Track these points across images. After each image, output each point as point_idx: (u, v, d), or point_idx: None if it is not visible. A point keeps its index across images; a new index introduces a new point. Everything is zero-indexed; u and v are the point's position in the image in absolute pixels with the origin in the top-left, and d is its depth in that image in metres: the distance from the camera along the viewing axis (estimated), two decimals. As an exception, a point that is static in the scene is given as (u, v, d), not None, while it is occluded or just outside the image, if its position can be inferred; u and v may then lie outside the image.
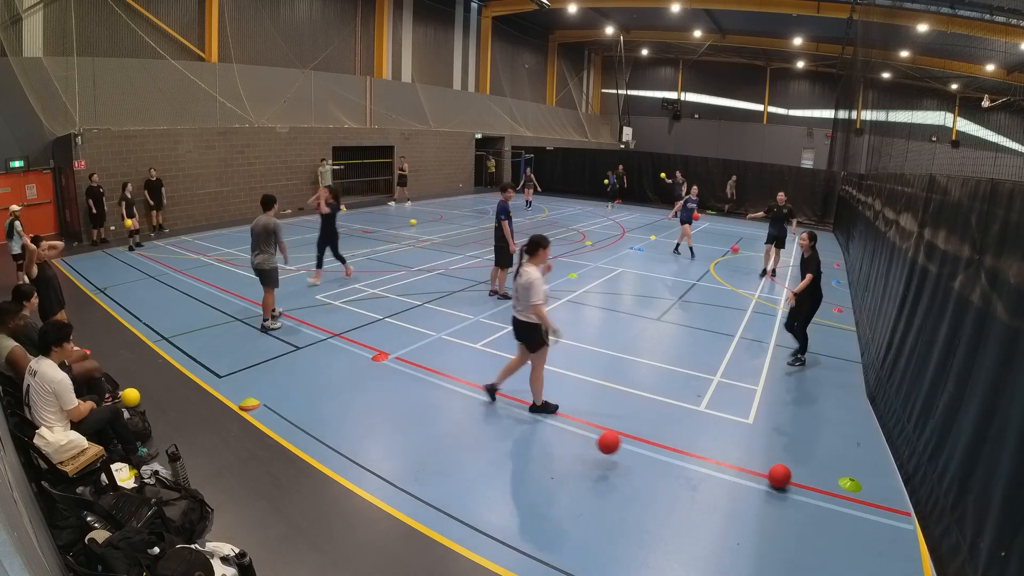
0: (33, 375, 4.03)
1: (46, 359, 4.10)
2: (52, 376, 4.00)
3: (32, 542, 2.18)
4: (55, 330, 4.25)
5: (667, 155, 25.02)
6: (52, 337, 4.16)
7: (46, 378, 4.00)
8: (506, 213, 9.13)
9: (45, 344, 4.14)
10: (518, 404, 5.72)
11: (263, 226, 7.30)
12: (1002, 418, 3.08)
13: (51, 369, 4.04)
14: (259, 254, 7.35)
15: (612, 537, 3.88)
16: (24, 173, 12.75)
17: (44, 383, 3.99)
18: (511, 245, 8.96)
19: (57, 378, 4.02)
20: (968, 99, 26.51)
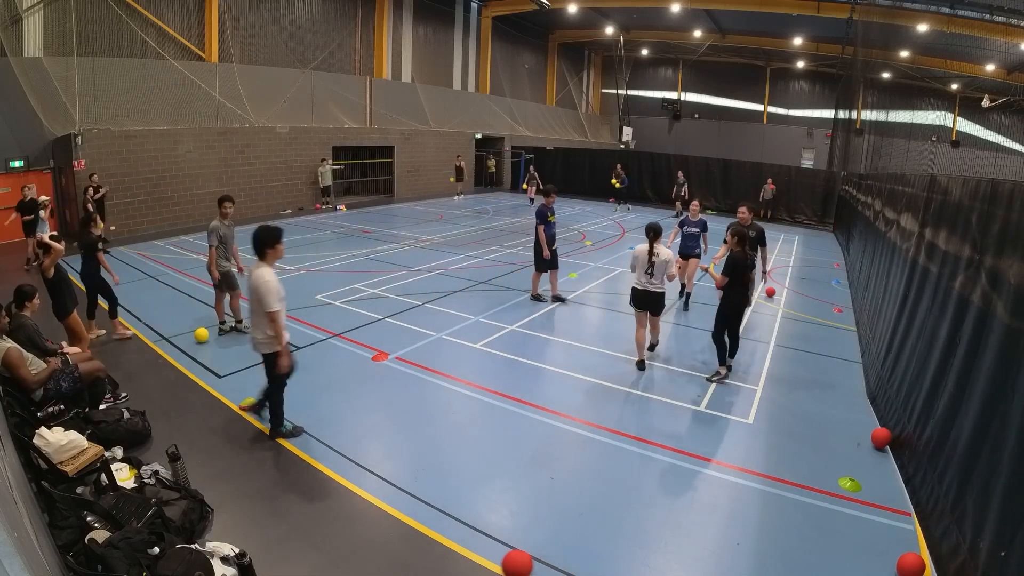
0: (249, 277, 4.69)
1: (262, 263, 4.67)
2: (259, 279, 4.54)
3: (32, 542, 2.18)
4: (268, 233, 4.67)
5: (667, 155, 25.00)
6: (267, 240, 4.64)
7: (256, 282, 4.53)
8: (543, 218, 8.78)
9: (259, 247, 4.67)
10: (518, 404, 5.72)
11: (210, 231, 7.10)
12: (1002, 418, 3.08)
13: (264, 273, 4.56)
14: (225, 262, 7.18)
15: (612, 537, 3.88)
16: (24, 173, 12.74)
17: (251, 285, 4.57)
18: (544, 251, 8.73)
19: (263, 279, 4.53)
20: (968, 99, 26.51)
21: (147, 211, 14.10)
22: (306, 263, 11.21)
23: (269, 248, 4.66)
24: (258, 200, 17.05)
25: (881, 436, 5.18)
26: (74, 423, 4.48)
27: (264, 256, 4.68)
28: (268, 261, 4.69)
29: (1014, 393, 3.00)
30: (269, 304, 4.51)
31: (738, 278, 6.20)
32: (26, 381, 4.48)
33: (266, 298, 4.50)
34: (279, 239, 4.71)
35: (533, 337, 7.67)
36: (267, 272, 4.59)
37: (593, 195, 24.15)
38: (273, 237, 4.66)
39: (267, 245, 4.65)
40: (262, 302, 4.53)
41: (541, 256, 8.81)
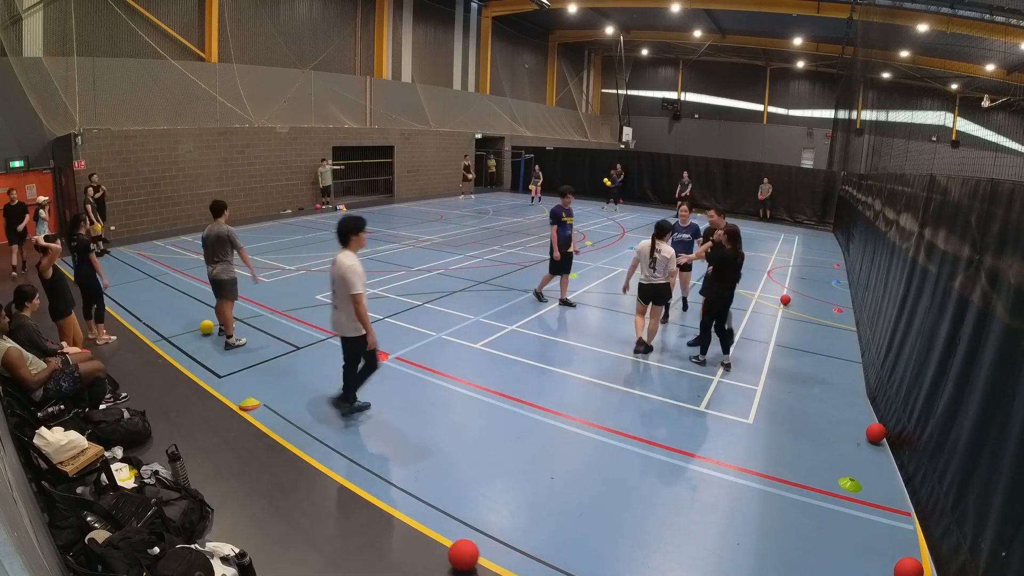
0: (333, 265, 4.95)
1: (345, 250, 4.95)
2: (343, 263, 4.84)
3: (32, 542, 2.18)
4: (353, 222, 5.01)
5: (667, 155, 25.01)
6: (352, 228, 4.97)
7: (341, 266, 4.82)
8: (557, 218, 8.57)
9: (343, 236, 4.98)
10: (518, 404, 5.72)
11: (215, 235, 6.75)
12: (1002, 418, 3.08)
13: (347, 258, 4.86)
14: (217, 263, 6.77)
15: (612, 537, 3.88)
16: (24, 173, 12.74)
17: (336, 271, 4.87)
18: (555, 252, 8.54)
19: (347, 264, 4.82)
20: (968, 99, 26.51)
21: (147, 211, 14.09)
22: (306, 263, 11.21)
23: (353, 236, 5.00)
24: (258, 200, 17.05)
25: (876, 431, 5.24)
26: (74, 423, 4.48)
27: (348, 243, 5.00)
28: (351, 248, 5.00)
29: (1014, 393, 3.00)
30: (354, 286, 4.79)
31: (722, 272, 6.46)
32: (26, 381, 4.49)
33: (352, 279, 4.78)
34: (363, 228, 5.06)
35: (533, 337, 7.67)
36: (351, 257, 4.90)
37: (593, 195, 24.12)
38: (357, 226, 5.01)
39: (351, 233, 4.99)
40: (348, 285, 4.79)
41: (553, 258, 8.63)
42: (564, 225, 8.61)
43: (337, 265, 4.92)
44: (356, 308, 4.84)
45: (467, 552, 3.52)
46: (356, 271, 4.82)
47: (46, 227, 10.31)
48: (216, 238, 6.77)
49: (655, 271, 6.81)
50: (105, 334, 7.03)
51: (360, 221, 5.07)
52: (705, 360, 6.88)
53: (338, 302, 4.99)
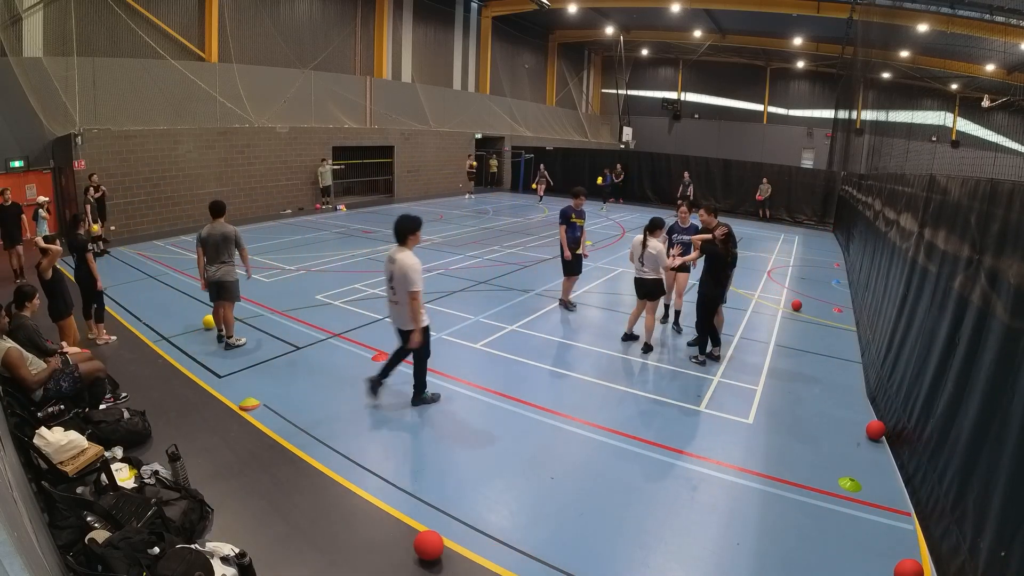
0: (392, 263, 5.12)
1: (403, 248, 5.13)
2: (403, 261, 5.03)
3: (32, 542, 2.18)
4: (411, 221, 5.16)
5: (667, 155, 25.01)
6: (410, 227, 5.13)
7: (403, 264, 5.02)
8: (566, 219, 8.43)
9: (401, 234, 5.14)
10: (518, 404, 5.72)
11: (222, 234, 6.65)
12: (1002, 418, 3.08)
13: (407, 257, 5.06)
14: (221, 265, 6.68)
15: (612, 537, 3.88)
16: (24, 173, 12.75)
17: (398, 268, 5.06)
18: (564, 252, 8.42)
19: (408, 263, 5.01)
20: (968, 99, 26.51)
21: (147, 211, 14.10)
22: (306, 263, 11.21)
23: (410, 234, 5.17)
24: (258, 200, 17.05)
25: (875, 428, 5.28)
26: (74, 423, 4.48)
27: (405, 242, 5.17)
28: (408, 246, 5.18)
29: (1014, 392, 3.00)
30: (414, 283, 5.00)
31: (711, 269, 6.60)
32: (26, 381, 4.49)
33: (412, 276, 4.99)
34: (419, 227, 5.21)
35: (533, 337, 7.67)
36: (410, 256, 5.09)
37: (593, 195, 24.10)
38: (414, 225, 5.17)
39: (409, 232, 5.16)
40: (408, 282, 5.00)
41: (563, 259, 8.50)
42: (573, 226, 8.49)
43: (397, 263, 5.09)
44: (413, 304, 5.05)
45: (432, 543, 3.57)
46: (416, 269, 5.03)
47: (46, 227, 10.30)
48: (222, 237, 6.68)
49: (644, 266, 6.91)
50: (105, 334, 7.03)
51: (417, 221, 5.21)
52: (705, 360, 6.88)
53: (398, 297, 5.21)
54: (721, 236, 6.54)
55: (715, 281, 6.63)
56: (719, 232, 6.60)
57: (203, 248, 6.75)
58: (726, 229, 6.58)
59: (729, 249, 6.54)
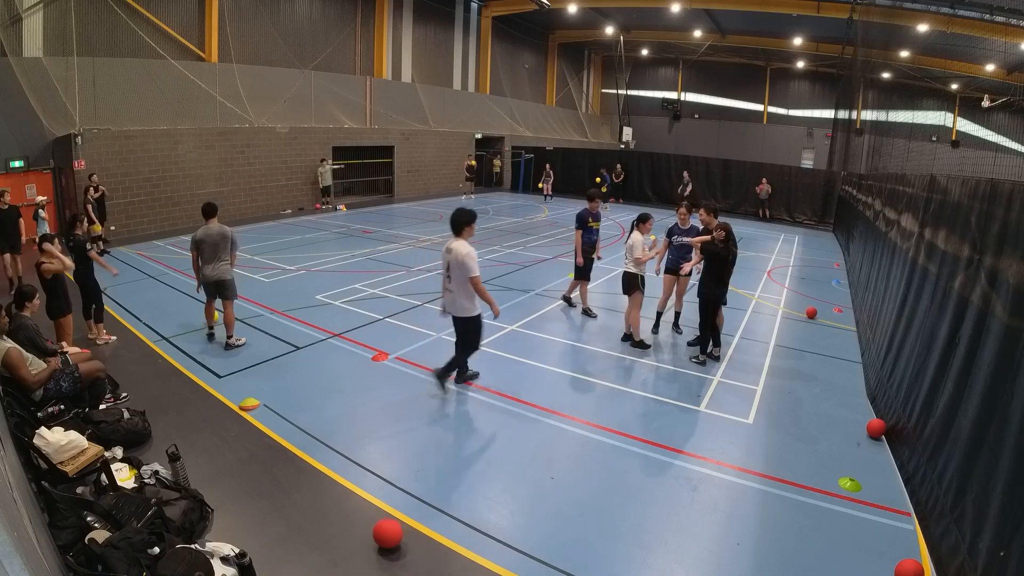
0: (449, 253, 5.48)
1: (458, 238, 5.52)
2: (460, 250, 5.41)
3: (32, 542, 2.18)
4: (466, 214, 5.56)
5: (667, 155, 25.01)
6: (465, 220, 5.52)
7: (459, 252, 5.38)
8: (583, 223, 8.29)
9: (458, 226, 5.54)
10: (518, 404, 5.72)
11: (220, 234, 6.76)
12: (1001, 418, 3.09)
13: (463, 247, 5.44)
14: (219, 263, 6.77)
15: (612, 537, 3.88)
16: (24, 173, 12.75)
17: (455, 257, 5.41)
18: (578, 257, 8.32)
19: (464, 251, 5.39)
20: (968, 99, 26.51)
21: (147, 211, 14.09)
22: (306, 263, 11.21)
23: (466, 227, 5.56)
24: (258, 200, 17.05)
25: (876, 426, 5.30)
26: (74, 423, 4.48)
27: (461, 233, 5.56)
28: (464, 237, 5.56)
29: (1013, 393, 3.00)
30: (472, 270, 5.37)
31: (712, 269, 6.59)
32: (26, 381, 4.49)
33: (470, 264, 5.37)
34: (474, 220, 5.62)
35: (533, 337, 7.67)
36: (466, 245, 5.48)
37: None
38: (470, 218, 5.57)
39: (465, 224, 5.55)
40: (466, 269, 5.36)
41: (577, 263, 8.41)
42: (590, 230, 8.37)
43: (454, 253, 5.45)
44: (476, 288, 5.46)
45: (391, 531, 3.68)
46: (473, 257, 5.43)
47: (46, 226, 10.30)
48: (220, 236, 6.77)
49: (625, 258, 7.19)
50: (105, 334, 7.03)
51: (472, 214, 5.62)
52: (705, 360, 6.88)
53: (454, 286, 5.53)
54: (720, 237, 6.53)
55: (716, 281, 6.64)
56: (718, 233, 6.59)
57: (199, 248, 6.79)
58: (723, 233, 6.52)
59: (730, 248, 6.56)
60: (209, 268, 6.78)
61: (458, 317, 5.65)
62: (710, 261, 6.62)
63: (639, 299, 7.20)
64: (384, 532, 3.68)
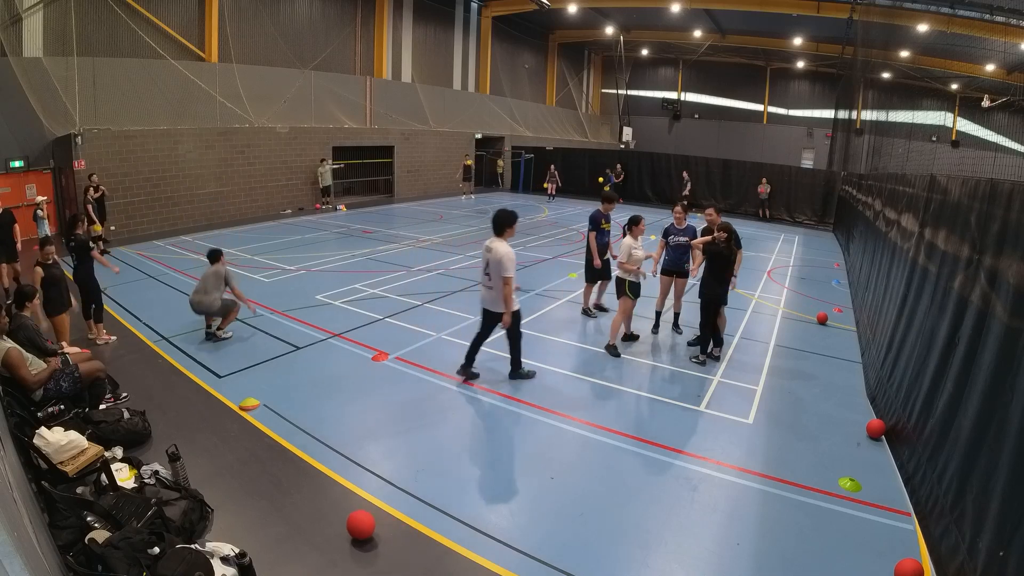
0: (489, 251, 5.70)
1: (499, 238, 5.76)
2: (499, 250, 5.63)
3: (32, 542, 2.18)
4: (508, 215, 5.78)
5: (667, 155, 25.02)
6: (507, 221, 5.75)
7: (498, 252, 5.61)
8: (596, 224, 8.17)
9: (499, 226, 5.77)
10: (518, 404, 5.72)
11: (213, 272, 7.09)
12: (1001, 417, 3.09)
13: (501, 246, 5.67)
14: (206, 296, 7.01)
15: (612, 537, 3.88)
16: (24, 173, 12.75)
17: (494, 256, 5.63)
18: (595, 259, 8.14)
19: (503, 251, 5.61)
20: (968, 99, 26.50)
21: (147, 211, 14.09)
22: (306, 263, 11.21)
23: (508, 227, 5.80)
24: (258, 200, 17.05)
25: (876, 427, 5.30)
26: (74, 423, 4.48)
27: (502, 233, 5.79)
28: (505, 237, 5.79)
29: (1013, 392, 3.00)
30: (507, 270, 5.59)
31: (713, 268, 6.59)
32: (26, 381, 4.49)
33: (507, 264, 5.59)
34: (516, 220, 5.85)
35: (533, 337, 7.66)
36: (505, 245, 5.70)
37: (593, 195, 24.12)
38: (512, 219, 5.81)
39: (507, 224, 5.79)
40: (502, 268, 5.59)
41: (591, 266, 8.21)
42: (602, 232, 8.26)
43: (494, 251, 5.69)
44: (505, 288, 5.63)
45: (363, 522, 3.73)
46: (511, 258, 5.64)
47: (47, 226, 10.29)
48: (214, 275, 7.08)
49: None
50: (105, 334, 7.04)
51: (514, 215, 5.85)
52: (705, 360, 6.88)
53: (492, 283, 5.76)
54: (722, 238, 6.54)
55: (718, 281, 6.64)
56: (719, 234, 6.59)
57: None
58: (724, 235, 6.54)
59: (732, 248, 6.59)
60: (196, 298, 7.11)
61: (490, 311, 5.93)
62: (711, 261, 6.63)
63: (625, 306, 7.08)
64: (357, 523, 3.72)
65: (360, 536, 3.72)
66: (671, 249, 7.57)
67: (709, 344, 6.92)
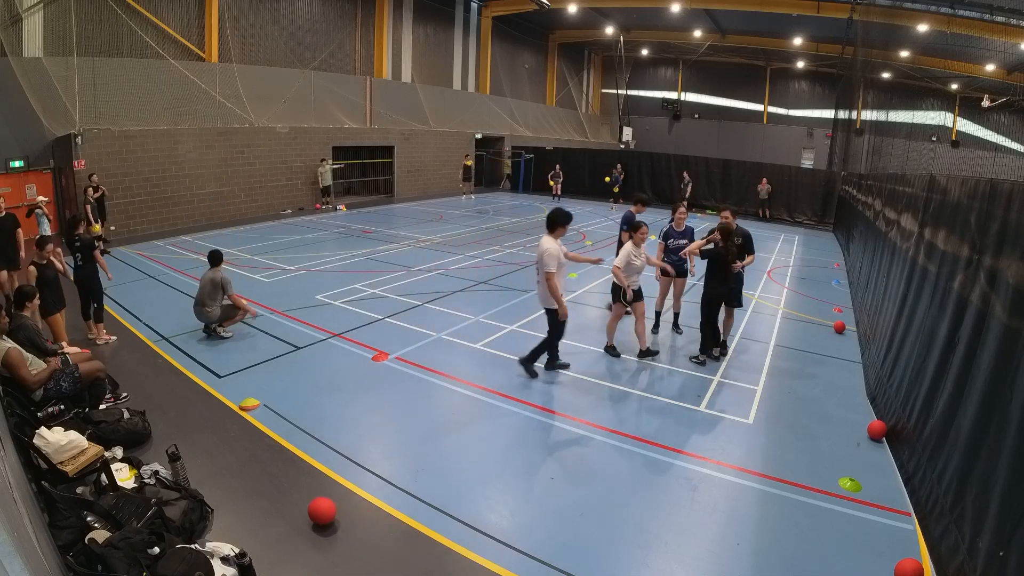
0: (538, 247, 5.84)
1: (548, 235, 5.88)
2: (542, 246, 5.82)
3: (32, 542, 2.18)
4: (563, 215, 5.91)
5: (667, 155, 25.01)
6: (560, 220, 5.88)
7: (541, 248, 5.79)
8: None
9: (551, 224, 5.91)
10: (518, 404, 5.72)
11: (210, 279, 7.04)
12: (1001, 417, 3.09)
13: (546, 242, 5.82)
14: (203, 308, 7.03)
15: (612, 537, 3.88)
16: (24, 173, 12.75)
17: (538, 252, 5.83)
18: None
19: (545, 247, 5.77)
20: (968, 99, 26.50)
21: (147, 211, 14.10)
22: (306, 263, 11.21)
23: (560, 226, 5.90)
24: (258, 200, 17.05)
25: (876, 428, 5.29)
26: (74, 423, 4.48)
27: (553, 231, 5.89)
28: (555, 235, 5.89)
29: (1013, 392, 3.00)
30: (547, 266, 5.71)
31: (713, 269, 6.59)
32: (26, 381, 4.49)
33: (547, 260, 5.70)
34: (569, 221, 5.97)
35: (533, 337, 7.65)
36: (551, 242, 5.82)
37: (593, 195, 24.18)
38: (565, 219, 5.92)
39: (559, 223, 5.89)
40: (543, 264, 5.73)
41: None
42: None
43: (540, 248, 5.86)
44: (548, 283, 5.75)
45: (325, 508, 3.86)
46: (552, 254, 5.74)
47: (47, 226, 10.29)
48: (210, 282, 7.03)
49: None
50: (105, 334, 7.04)
51: (568, 215, 5.95)
52: (705, 360, 6.88)
53: (538, 278, 5.94)
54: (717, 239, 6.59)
55: (718, 281, 6.65)
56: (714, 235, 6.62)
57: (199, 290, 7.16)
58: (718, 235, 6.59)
59: (731, 248, 6.61)
60: (196, 309, 7.13)
61: (546, 308, 6.08)
62: (712, 261, 6.64)
63: (619, 312, 6.99)
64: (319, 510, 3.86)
65: (321, 522, 3.86)
66: (670, 252, 7.55)
67: (708, 344, 6.91)
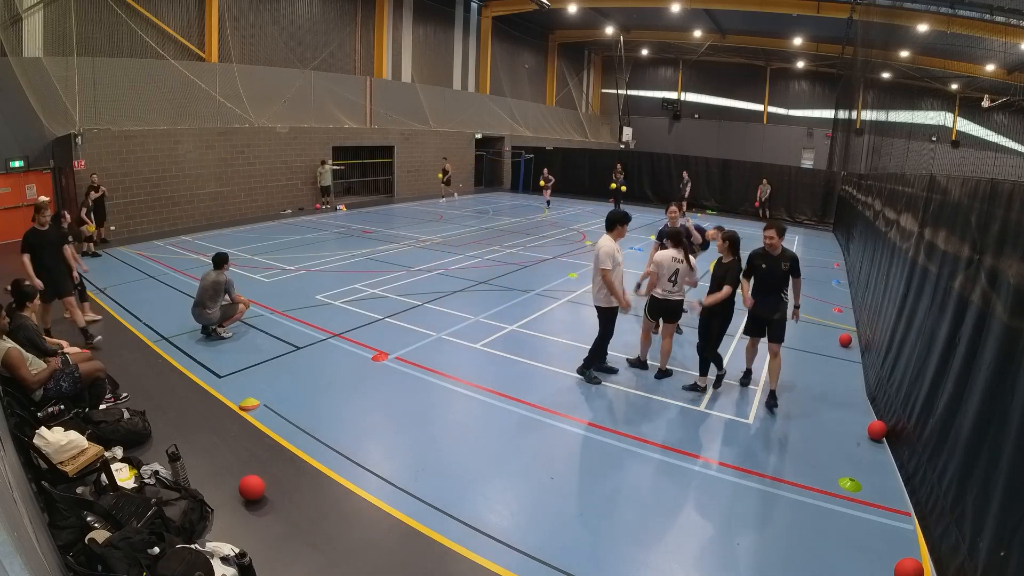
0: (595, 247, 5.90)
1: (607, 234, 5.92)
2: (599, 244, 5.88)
3: (32, 542, 2.18)
4: (621, 216, 5.95)
5: (667, 155, 25.02)
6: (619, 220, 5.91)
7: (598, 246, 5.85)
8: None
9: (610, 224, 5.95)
10: (518, 404, 5.72)
11: (212, 281, 7.01)
12: (1001, 418, 3.09)
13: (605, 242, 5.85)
14: (204, 310, 7.01)
15: (612, 537, 3.88)
16: (24, 173, 12.74)
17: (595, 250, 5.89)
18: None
19: (601, 245, 5.80)
20: (968, 99, 26.50)
21: (147, 211, 14.09)
22: (306, 263, 11.21)
23: (618, 225, 5.92)
24: (258, 200, 17.04)
25: (877, 428, 5.30)
26: (74, 423, 4.48)
27: (612, 231, 5.92)
28: (613, 235, 5.91)
29: (1013, 392, 3.00)
30: (603, 263, 5.74)
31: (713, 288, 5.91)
32: (26, 381, 4.48)
33: (602, 257, 5.75)
34: (627, 222, 5.98)
35: (533, 337, 7.67)
36: (608, 241, 5.85)
37: (593, 195, 24.17)
38: (623, 219, 5.95)
39: (618, 223, 5.92)
40: (598, 261, 5.79)
41: None
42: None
43: (597, 246, 5.90)
44: (604, 280, 5.78)
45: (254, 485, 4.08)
46: (607, 252, 5.78)
47: None
48: (212, 285, 7.02)
49: (675, 285, 6.17)
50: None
51: (627, 216, 6.00)
52: (696, 387, 6.17)
53: (593, 276, 5.96)
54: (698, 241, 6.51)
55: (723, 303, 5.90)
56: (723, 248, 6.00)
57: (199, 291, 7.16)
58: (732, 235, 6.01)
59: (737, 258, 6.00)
60: (195, 311, 7.13)
61: (597, 307, 6.07)
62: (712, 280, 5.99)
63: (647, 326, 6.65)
64: (249, 486, 4.07)
65: (251, 497, 4.06)
66: None
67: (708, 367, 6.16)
